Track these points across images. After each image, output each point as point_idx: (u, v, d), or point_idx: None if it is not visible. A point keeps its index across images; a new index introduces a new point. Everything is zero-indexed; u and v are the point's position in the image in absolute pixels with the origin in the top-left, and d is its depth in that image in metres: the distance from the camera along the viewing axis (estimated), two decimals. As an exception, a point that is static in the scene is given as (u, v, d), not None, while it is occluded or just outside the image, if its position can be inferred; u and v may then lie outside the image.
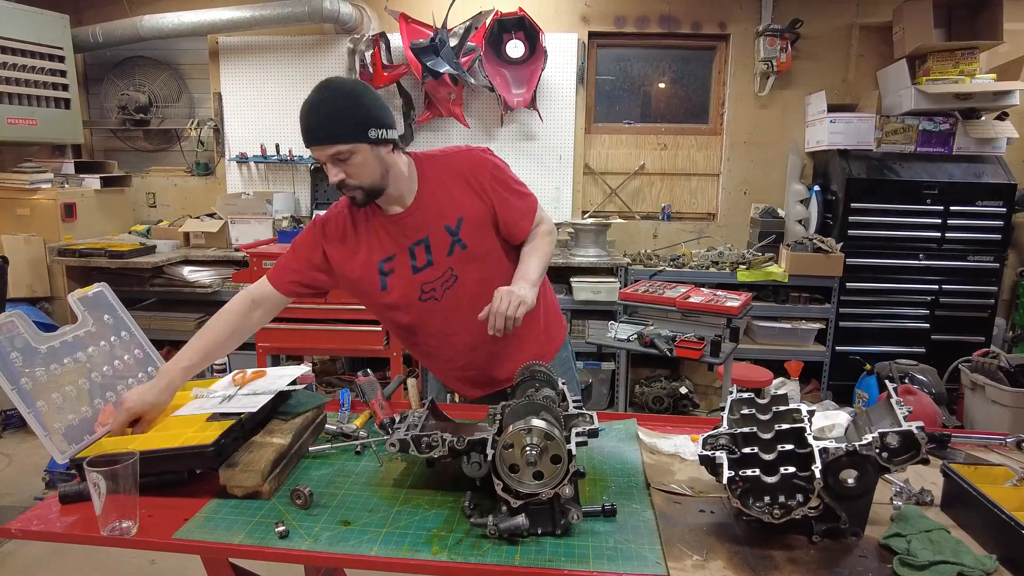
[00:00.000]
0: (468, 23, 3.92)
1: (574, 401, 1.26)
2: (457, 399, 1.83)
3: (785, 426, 1.09)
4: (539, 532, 1.09)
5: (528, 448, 1.06)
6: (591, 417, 1.19)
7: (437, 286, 1.54)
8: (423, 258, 1.53)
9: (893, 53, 3.90)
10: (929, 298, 3.80)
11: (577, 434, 1.11)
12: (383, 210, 1.53)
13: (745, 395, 1.20)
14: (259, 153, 4.27)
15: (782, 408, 1.15)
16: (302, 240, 1.58)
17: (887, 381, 2.00)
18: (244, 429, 1.29)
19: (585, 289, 3.78)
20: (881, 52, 4.05)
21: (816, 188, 3.94)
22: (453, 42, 3.88)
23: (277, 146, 4.25)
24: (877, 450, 1.04)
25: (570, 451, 1.06)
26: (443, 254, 1.53)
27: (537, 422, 1.08)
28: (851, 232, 3.76)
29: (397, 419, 1.26)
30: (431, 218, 1.52)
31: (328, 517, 1.15)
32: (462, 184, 1.53)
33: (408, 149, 1.64)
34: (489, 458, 1.09)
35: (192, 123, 4.30)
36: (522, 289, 1.42)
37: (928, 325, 3.83)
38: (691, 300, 3.00)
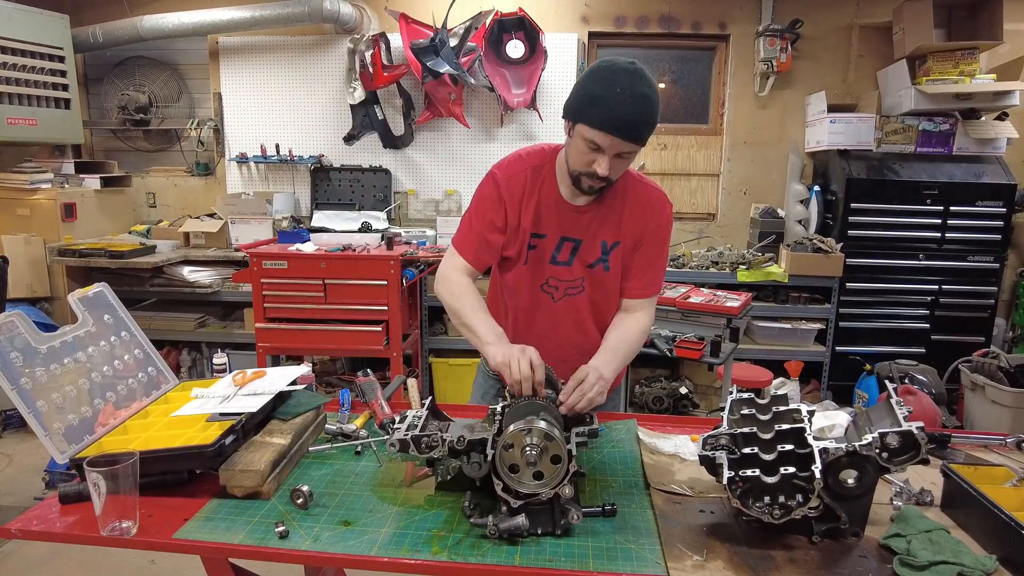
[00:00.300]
0: (468, 23, 3.92)
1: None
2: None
3: (785, 426, 1.09)
4: (539, 532, 1.09)
5: (528, 448, 1.06)
6: (591, 417, 1.19)
7: (560, 286, 1.54)
8: (566, 255, 1.52)
9: (893, 53, 3.90)
10: (929, 298, 3.80)
11: (577, 434, 1.11)
12: (562, 192, 1.50)
13: (745, 395, 1.20)
14: (259, 153, 4.27)
15: (782, 408, 1.15)
16: (484, 200, 1.53)
17: (887, 381, 2.00)
18: (244, 429, 1.29)
19: (585, 289, 3.78)
20: (881, 52, 4.05)
21: (816, 188, 3.94)
22: (453, 42, 3.88)
23: (277, 146, 4.25)
24: (877, 450, 1.04)
25: (570, 451, 1.06)
26: (585, 264, 1.52)
27: (537, 422, 1.08)
28: (851, 232, 3.76)
29: (397, 419, 1.26)
30: (596, 227, 1.51)
31: (328, 517, 1.15)
32: (638, 216, 1.51)
33: (407, 152, 1.64)
34: (489, 458, 1.09)
35: (192, 123, 4.30)
36: (608, 372, 1.37)
37: (928, 325, 3.83)
38: (691, 300, 3.00)
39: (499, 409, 1.24)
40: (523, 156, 1.55)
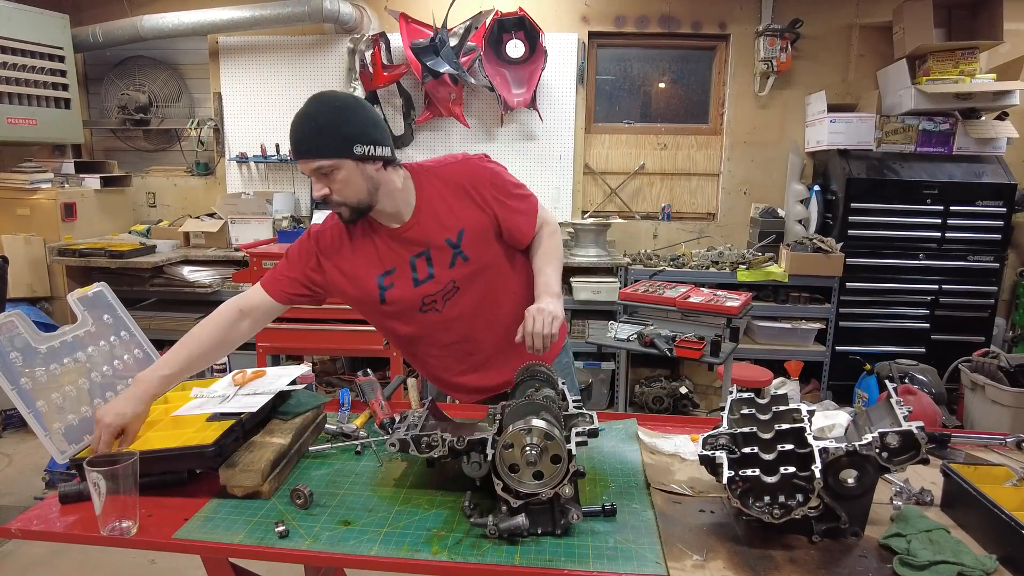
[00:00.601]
0: (468, 23, 3.92)
1: (574, 401, 1.26)
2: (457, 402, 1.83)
3: (785, 426, 1.09)
4: (539, 532, 1.09)
5: (528, 448, 1.06)
6: (591, 417, 1.19)
7: (438, 298, 1.53)
8: (424, 271, 1.51)
9: (893, 53, 3.90)
10: (929, 298, 3.80)
11: (577, 434, 1.11)
12: (380, 224, 1.50)
13: (745, 395, 1.20)
14: (259, 153, 4.27)
15: (782, 408, 1.15)
16: (296, 249, 1.55)
17: (887, 381, 2.00)
18: (244, 429, 1.29)
19: (585, 289, 3.78)
20: (881, 52, 4.05)
21: (816, 188, 3.94)
22: (453, 42, 3.88)
23: (277, 146, 4.25)
24: (877, 450, 1.04)
25: (570, 451, 1.06)
26: (444, 267, 1.51)
27: (537, 422, 1.08)
28: (851, 232, 3.76)
29: (397, 419, 1.26)
30: (431, 231, 1.49)
31: (328, 517, 1.15)
32: (462, 196, 1.51)
33: (407, 151, 1.64)
34: (489, 458, 1.09)
35: (192, 123, 4.30)
36: (551, 304, 1.42)
37: (928, 325, 3.83)
38: (691, 300, 3.00)
39: (498, 408, 1.24)
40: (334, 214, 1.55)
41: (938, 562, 0.97)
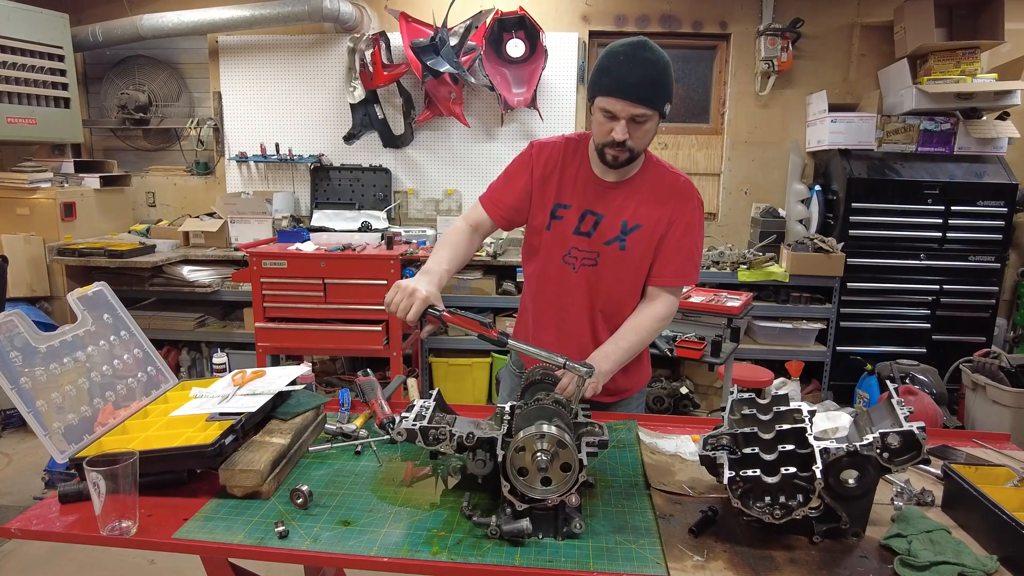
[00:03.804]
0: (468, 22, 3.92)
1: (583, 410, 1.26)
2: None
3: (786, 426, 1.09)
4: (540, 537, 1.09)
5: (540, 453, 1.06)
6: (601, 428, 1.19)
7: (580, 256, 1.57)
8: (588, 226, 1.56)
9: (894, 53, 3.90)
10: (930, 298, 3.80)
11: (588, 444, 1.11)
12: (591, 168, 1.56)
13: (746, 395, 1.20)
14: (259, 152, 4.27)
15: (783, 408, 1.15)
16: (516, 164, 1.63)
17: (888, 381, 2.00)
18: (244, 429, 1.29)
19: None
20: (882, 52, 4.05)
21: (817, 188, 3.94)
22: (453, 41, 3.87)
23: (277, 145, 4.25)
24: (878, 450, 1.04)
25: (581, 460, 1.06)
26: (603, 239, 1.55)
27: (550, 428, 1.07)
28: (852, 232, 3.75)
29: (398, 419, 1.26)
30: (620, 206, 1.55)
31: (328, 517, 1.14)
32: (665, 201, 1.55)
33: (407, 151, 1.66)
34: (500, 459, 1.08)
35: (192, 122, 4.29)
36: (607, 365, 1.42)
37: (929, 325, 3.82)
38: (692, 300, 3.00)
39: (507, 409, 1.23)
40: (565, 135, 1.64)
41: (939, 563, 0.97)
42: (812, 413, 1.13)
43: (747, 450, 1.08)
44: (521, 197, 1.60)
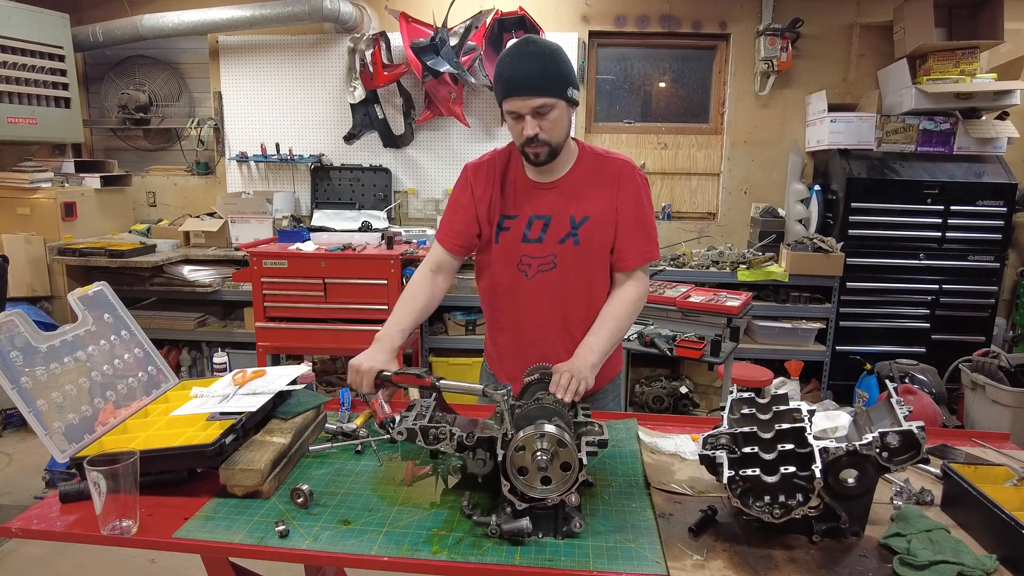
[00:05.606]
0: (468, 22, 3.92)
1: (583, 409, 1.26)
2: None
3: (785, 426, 1.09)
4: (540, 536, 1.09)
5: (540, 453, 1.06)
6: (600, 427, 1.19)
7: (534, 263, 1.57)
8: (536, 232, 1.56)
9: (894, 52, 3.90)
10: (929, 298, 3.80)
11: (588, 443, 1.11)
12: (527, 174, 1.58)
13: (745, 395, 1.20)
14: (259, 152, 4.27)
15: (782, 408, 1.15)
16: (456, 191, 1.64)
17: (887, 381, 2.00)
18: (244, 428, 1.29)
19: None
20: (882, 51, 4.05)
21: (816, 188, 3.94)
22: (453, 41, 3.87)
23: (277, 145, 4.25)
24: (877, 450, 1.04)
25: (580, 460, 1.06)
26: (556, 238, 1.55)
27: (550, 427, 1.07)
28: (851, 232, 3.75)
29: (398, 419, 1.26)
30: (564, 202, 1.55)
31: (328, 516, 1.15)
32: (607, 186, 1.55)
33: (407, 151, 1.66)
34: (500, 458, 1.09)
35: (192, 122, 4.29)
36: (584, 370, 1.36)
37: (928, 325, 3.82)
38: (691, 300, 3.00)
39: (507, 408, 1.23)
40: (495, 149, 1.65)
41: (938, 562, 0.97)
42: (811, 412, 1.13)
43: (746, 449, 1.08)
44: (469, 221, 1.60)
